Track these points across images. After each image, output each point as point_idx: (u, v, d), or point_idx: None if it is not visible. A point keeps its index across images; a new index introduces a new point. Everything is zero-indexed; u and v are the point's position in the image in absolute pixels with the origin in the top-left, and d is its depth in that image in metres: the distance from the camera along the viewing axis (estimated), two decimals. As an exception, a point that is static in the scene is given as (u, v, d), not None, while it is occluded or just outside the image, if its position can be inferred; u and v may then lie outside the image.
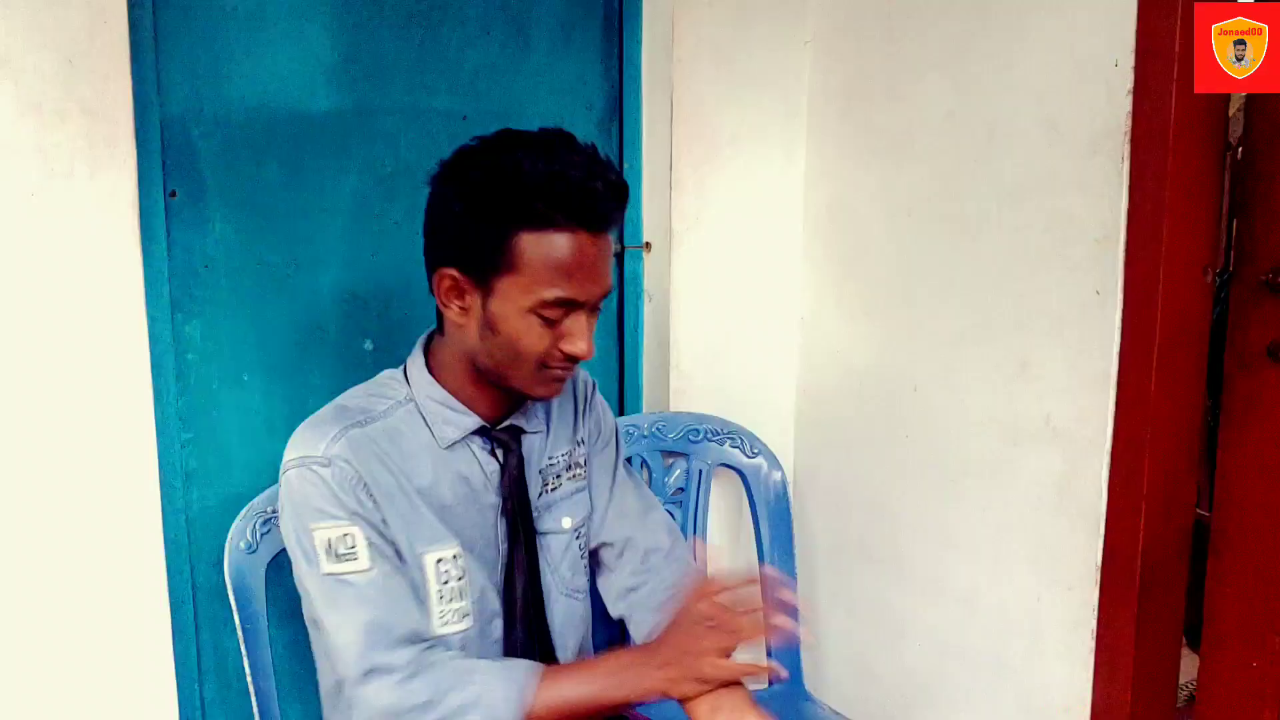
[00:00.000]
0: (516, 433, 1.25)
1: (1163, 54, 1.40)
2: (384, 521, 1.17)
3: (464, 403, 1.21)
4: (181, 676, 1.56)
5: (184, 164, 1.53)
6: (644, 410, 1.86)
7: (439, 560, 1.19)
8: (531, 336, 1.13)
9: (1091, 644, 1.53)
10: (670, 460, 1.83)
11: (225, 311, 1.57)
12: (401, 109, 1.66)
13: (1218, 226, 1.52)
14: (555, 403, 1.29)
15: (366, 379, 1.58)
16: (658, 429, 1.81)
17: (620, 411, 1.87)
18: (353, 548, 1.13)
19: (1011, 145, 1.56)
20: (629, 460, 1.69)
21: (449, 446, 1.21)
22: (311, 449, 1.16)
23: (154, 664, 1.52)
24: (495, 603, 1.26)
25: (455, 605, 1.21)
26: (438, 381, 1.21)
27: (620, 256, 1.82)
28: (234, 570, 1.44)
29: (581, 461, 1.35)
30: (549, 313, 1.11)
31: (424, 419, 1.20)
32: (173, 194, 1.52)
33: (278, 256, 1.60)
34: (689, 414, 1.83)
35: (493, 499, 1.25)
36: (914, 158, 1.69)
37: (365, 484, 1.15)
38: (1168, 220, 1.41)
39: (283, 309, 1.61)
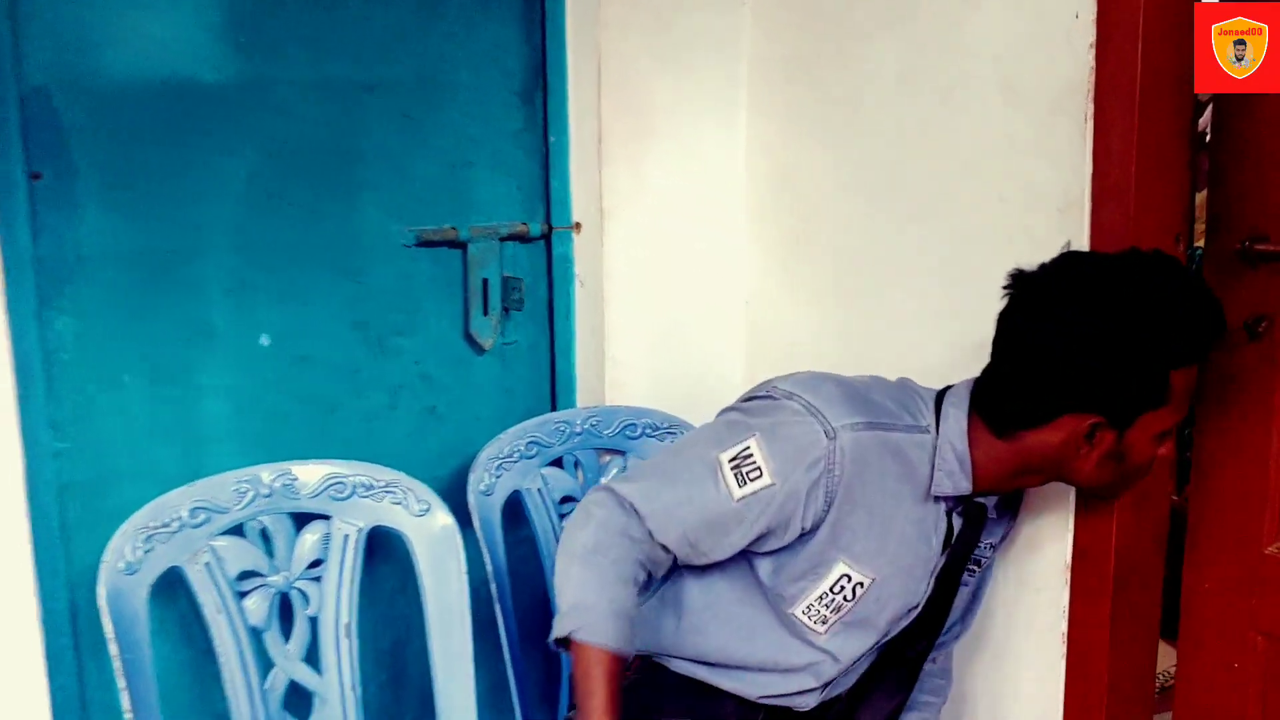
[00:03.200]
0: (982, 511, 1.29)
1: (1127, 3, 1.31)
2: (814, 519, 1.20)
3: (974, 470, 1.23)
4: (60, 712, 1.40)
5: (49, 142, 1.38)
6: (578, 404, 1.77)
7: (847, 575, 1.24)
8: (1146, 457, 1.19)
9: (1063, 649, 1.46)
10: (607, 458, 1.75)
11: (101, 306, 1.43)
12: (298, 79, 1.53)
13: (1189, 191, 1.46)
14: (1002, 499, 1.33)
15: (264, 379, 1.47)
16: (593, 425, 1.72)
17: (552, 406, 1.79)
18: (756, 479, 1.17)
19: (967, 109, 1.49)
20: (559, 460, 1.65)
21: (934, 498, 1.25)
22: (831, 411, 1.19)
23: (25, 699, 1.36)
24: (868, 643, 1.31)
25: (824, 612, 1.27)
26: (969, 439, 1.23)
27: (547, 238, 1.74)
28: (111, 593, 1.30)
29: (983, 560, 1.39)
30: (1169, 434, 1.19)
31: (932, 459, 1.23)
32: (36, 175, 1.37)
33: (160, 243, 1.46)
34: (627, 408, 1.75)
35: (934, 559, 1.29)
36: (864, 126, 1.62)
37: (831, 490, 1.19)
38: (1136, 183, 1.32)
39: (166, 302, 1.47)
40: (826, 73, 1.67)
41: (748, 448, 1.20)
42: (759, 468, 1.18)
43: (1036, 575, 1.49)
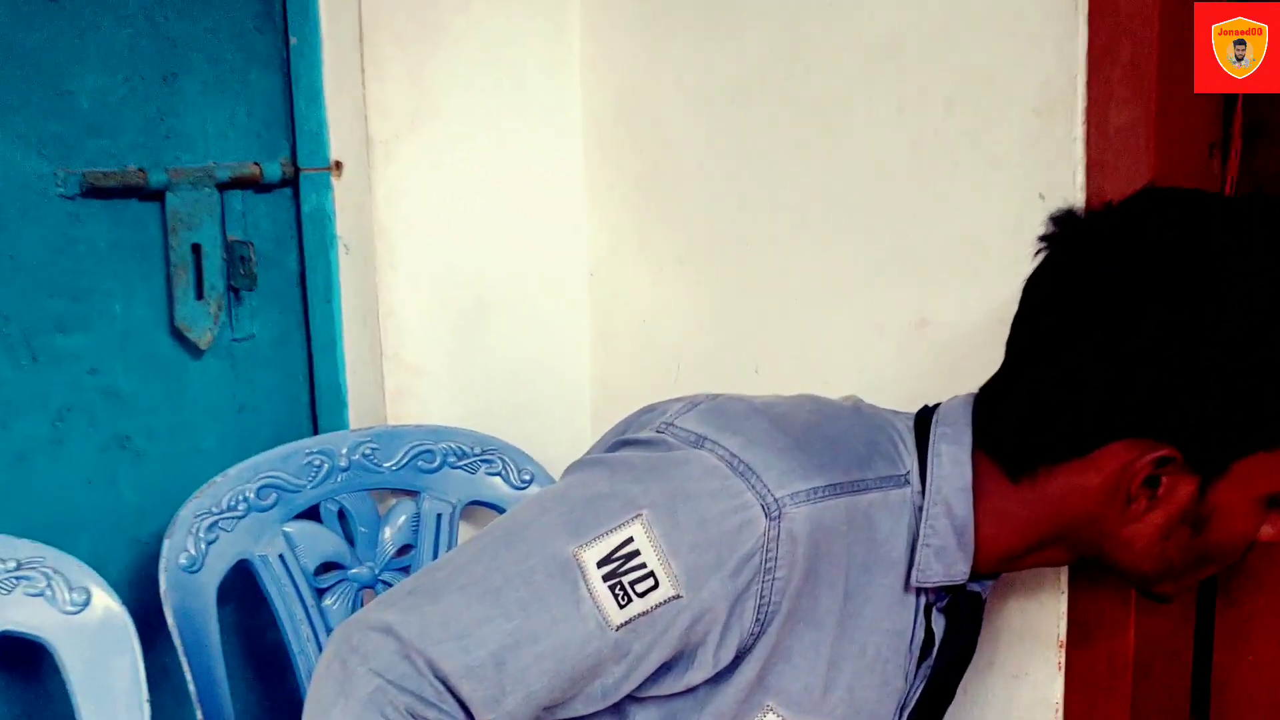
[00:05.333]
0: (977, 607, 1.02)
1: None
2: (737, 648, 0.89)
3: (978, 541, 0.95)
4: None
5: None
6: (350, 425, 1.40)
7: None
8: (1243, 530, 0.92)
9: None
10: (390, 502, 1.38)
11: None
12: None
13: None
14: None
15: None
16: (367, 454, 1.34)
17: (313, 429, 1.41)
18: (648, 590, 0.85)
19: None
20: (315, 509, 1.32)
21: (915, 588, 0.96)
22: (771, 470, 0.88)
23: None
24: None
25: None
26: (973, 495, 0.94)
27: (294, 184, 1.36)
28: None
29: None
30: None
31: (914, 529, 0.94)
32: None
33: None
34: (418, 428, 1.40)
35: (902, 679, 0.99)
36: (741, 22, 1.33)
37: (770, 603, 0.88)
38: (1156, 58, 0.97)
39: None
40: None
41: (629, 539, 0.87)
42: (651, 573, 0.87)
43: (1012, 653, 1.16)
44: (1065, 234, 0.88)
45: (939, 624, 0.98)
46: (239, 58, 1.32)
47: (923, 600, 0.97)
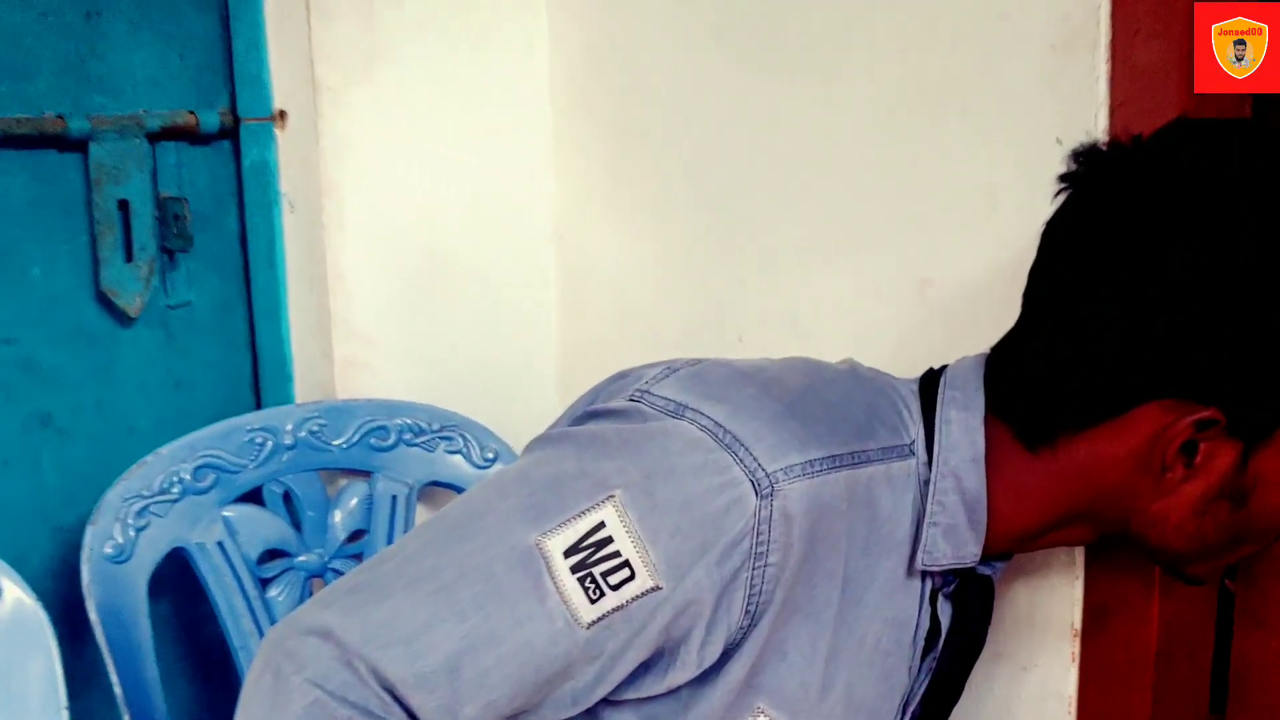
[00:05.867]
0: (988, 591, 0.95)
1: None
2: (724, 643, 0.81)
3: (991, 518, 0.87)
4: None
5: None
6: (296, 400, 1.33)
7: None
8: None
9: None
10: (340, 483, 1.31)
11: None
12: None
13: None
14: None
15: None
16: (314, 432, 1.26)
17: (256, 405, 1.35)
18: (623, 582, 0.77)
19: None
20: (258, 491, 1.25)
21: (920, 572, 0.89)
22: (762, 441, 0.79)
23: None
24: None
25: None
26: (985, 466, 0.87)
27: (233, 135, 1.30)
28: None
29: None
30: None
31: (920, 505, 0.87)
32: None
33: None
34: (370, 402, 1.34)
35: (906, 673, 0.93)
36: None
37: (762, 592, 0.80)
38: None
39: None
40: None
41: (600, 524, 0.79)
42: (626, 562, 0.79)
43: (1021, 643, 1.10)
44: (1088, 171, 0.81)
45: (945, 611, 0.92)
46: (171, -8, 1.25)
47: (928, 585, 0.90)
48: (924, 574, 0.89)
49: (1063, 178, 0.80)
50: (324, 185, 1.35)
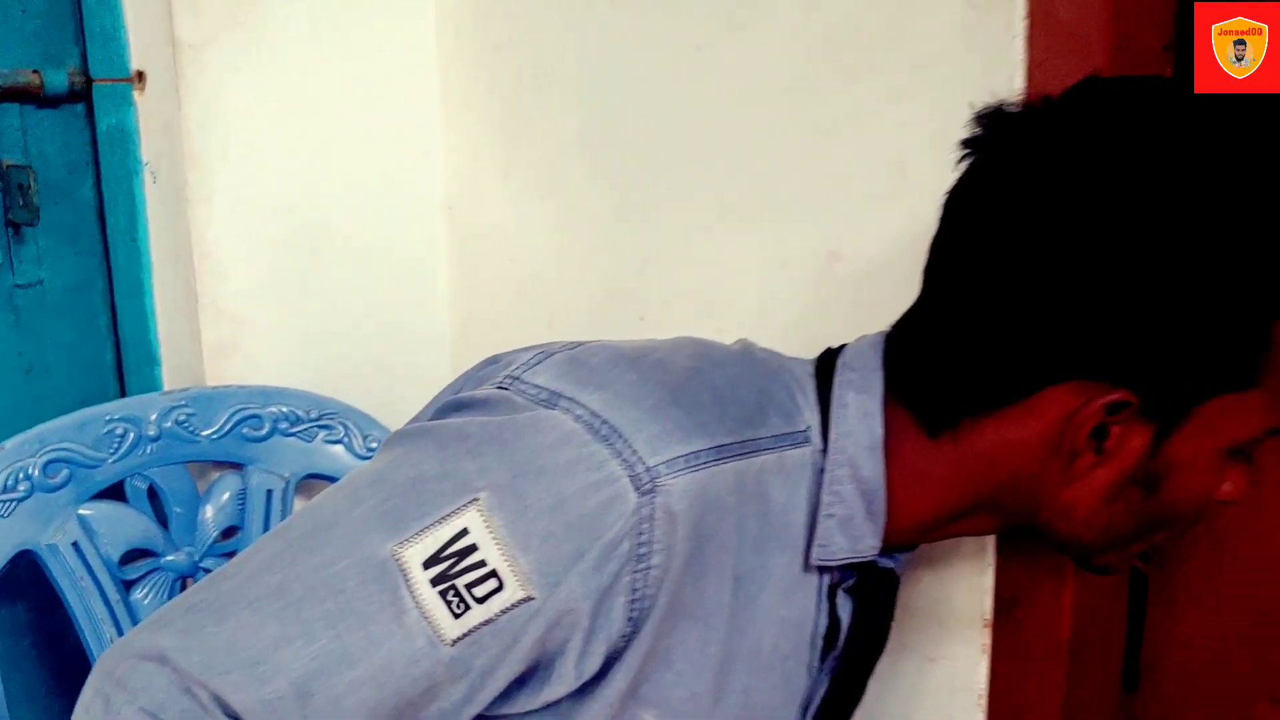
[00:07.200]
0: (891, 585, 0.90)
1: None
2: (604, 655, 0.75)
3: (890, 508, 0.82)
4: None
5: None
6: (162, 387, 1.25)
7: None
8: (1202, 488, 0.81)
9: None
10: (210, 477, 1.23)
11: None
12: None
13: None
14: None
15: None
16: (181, 421, 1.18)
17: (120, 392, 1.26)
18: (490, 593, 0.70)
19: None
20: (119, 486, 1.16)
21: (815, 567, 0.84)
22: (642, 432, 0.73)
23: None
24: None
25: None
26: (884, 453, 0.81)
27: (86, 98, 1.20)
28: None
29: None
30: (1250, 449, 0.82)
31: (814, 495, 0.81)
32: None
33: None
34: (243, 389, 1.25)
35: (805, 675, 0.87)
36: None
37: (644, 598, 0.74)
38: None
39: None
40: None
41: (463, 531, 0.73)
42: (493, 572, 0.73)
43: (928, 634, 1.05)
44: (992, 135, 0.75)
45: (846, 608, 0.87)
46: (9, -61, 1.11)
47: (826, 581, 0.85)
48: (821, 569, 0.84)
49: (965, 143, 0.75)
50: (188, 153, 1.26)
